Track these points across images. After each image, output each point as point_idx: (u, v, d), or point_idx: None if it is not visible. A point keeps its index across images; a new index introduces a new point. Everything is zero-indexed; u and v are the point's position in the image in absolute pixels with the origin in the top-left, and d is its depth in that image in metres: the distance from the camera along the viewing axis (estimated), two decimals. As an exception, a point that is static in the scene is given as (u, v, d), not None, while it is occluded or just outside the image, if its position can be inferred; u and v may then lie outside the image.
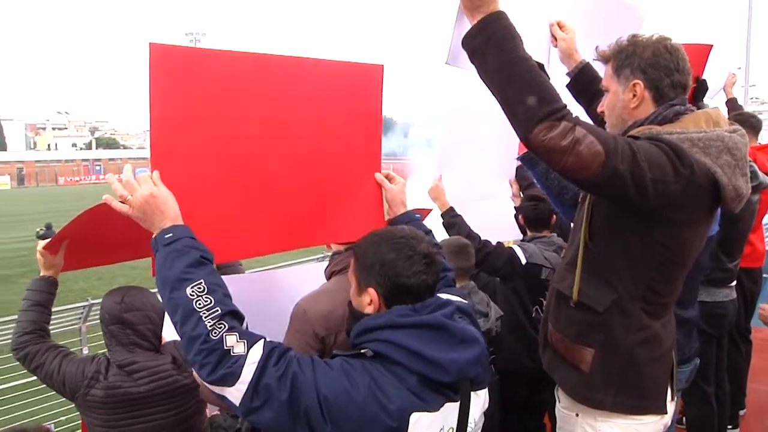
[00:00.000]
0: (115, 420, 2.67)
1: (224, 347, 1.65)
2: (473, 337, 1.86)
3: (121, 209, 1.89)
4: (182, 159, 2.02)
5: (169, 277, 1.76)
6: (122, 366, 2.68)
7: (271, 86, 2.18)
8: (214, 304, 1.70)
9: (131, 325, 2.73)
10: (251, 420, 1.70)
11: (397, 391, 1.68)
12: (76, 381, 2.66)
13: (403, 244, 1.86)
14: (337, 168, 2.45)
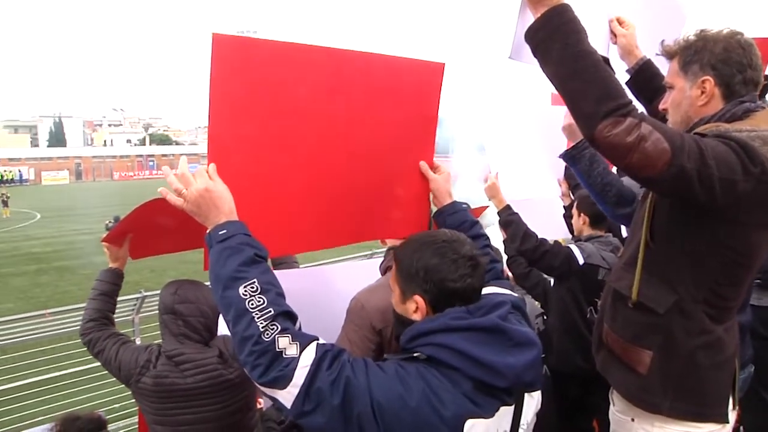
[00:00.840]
0: (164, 409, 2.73)
1: (276, 349, 1.63)
2: (529, 340, 1.80)
3: (176, 202, 1.87)
4: (239, 152, 2.00)
5: (222, 275, 1.73)
6: (171, 356, 2.73)
7: (331, 79, 2.16)
8: (267, 305, 1.68)
9: (182, 316, 2.78)
10: (302, 423, 1.66)
11: (452, 397, 1.63)
12: (130, 368, 2.74)
13: (447, 248, 1.82)
14: (391, 163, 2.43)
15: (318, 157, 2.19)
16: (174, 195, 1.88)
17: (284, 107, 2.06)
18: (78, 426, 2.90)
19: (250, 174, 2.03)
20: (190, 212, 1.88)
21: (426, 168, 2.51)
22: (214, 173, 1.90)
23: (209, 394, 2.74)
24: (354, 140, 2.28)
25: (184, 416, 2.73)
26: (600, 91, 1.95)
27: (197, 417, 2.73)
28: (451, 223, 2.40)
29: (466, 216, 2.45)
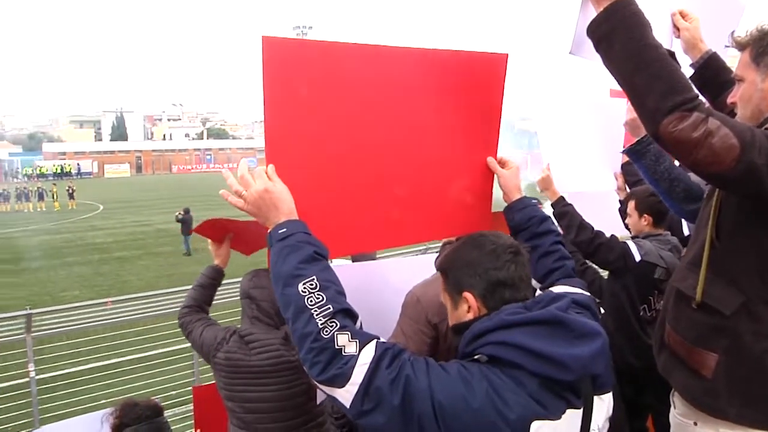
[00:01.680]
0: (232, 385, 2.89)
1: (335, 346, 1.60)
2: (594, 330, 1.70)
3: (236, 204, 1.89)
4: (297, 152, 1.99)
5: (282, 272, 1.73)
6: (242, 336, 2.90)
7: (385, 78, 2.13)
8: (326, 302, 1.65)
9: (255, 300, 2.96)
10: (362, 423, 1.61)
11: (517, 398, 1.56)
12: (209, 344, 2.97)
13: (483, 240, 1.81)
14: (453, 159, 2.38)
15: (378, 155, 2.17)
16: (234, 197, 1.89)
17: (338, 107, 2.05)
18: (136, 412, 2.98)
19: (309, 174, 2.02)
20: (250, 213, 1.89)
21: (494, 163, 2.44)
22: (273, 174, 1.89)
23: (272, 374, 2.84)
24: (412, 137, 2.25)
25: (248, 393, 2.86)
26: (665, 86, 1.88)
27: (260, 395, 2.84)
28: (519, 219, 2.35)
29: (536, 211, 2.37)
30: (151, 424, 2.93)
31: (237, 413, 2.90)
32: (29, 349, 6.46)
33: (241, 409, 2.88)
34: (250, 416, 2.86)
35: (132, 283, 18.52)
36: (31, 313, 6.45)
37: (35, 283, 19.67)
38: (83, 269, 21.39)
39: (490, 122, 2.44)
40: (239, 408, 2.89)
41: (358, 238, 2.26)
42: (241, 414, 2.88)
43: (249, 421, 2.86)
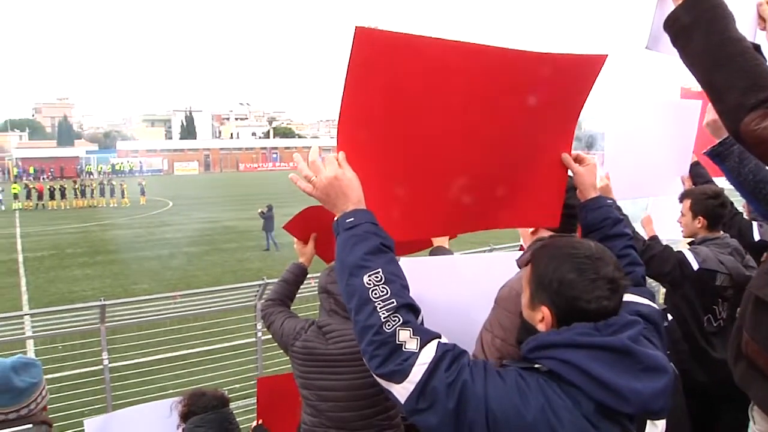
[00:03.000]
0: (308, 373, 2.99)
1: (396, 341, 1.59)
2: (660, 365, 1.64)
3: (306, 189, 1.89)
4: (368, 141, 2.00)
5: (348, 262, 1.73)
6: (320, 326, 3.02)
7: (471, 75, 2.09)
8: (390, 296, 1.64)
9: (332, 295, 3.05)
10: (414, 421, 1.61)
11: (572, 417, 1.53)
12: (288, 334, 3.10)
13: (588, 265, 1.67)
14: (527, 154, 2.34)
15: (451, 147, 2.15)
16: (304, 182, 1.90)
17: (417, 99, 2.04)
18: (204, 402, 3.11)
19: (378, 164, 2.03)
20: (318, 199, 1.89)
21: (569, 160, 2.35)
22: (344, 161, 1.89)
23: (347, 363, 2.92)
24: (490, 131, 2.21)
25: (324, 381, 2.94)
26: (748, 81, 1.79)
27: (334, 383, 2.93)
28: (592, 218, 2.28)
29: (610, 212, 2.29)
30: (217, 413, 3.05)
31: (311, 401, 2.99)
32: (103, 338, 6.72)
33: (315, 396, 2.96)
34: (323, 404, 2.94)
35: (199, 277, 18.99)
36: (105, 304, 6.71)
37: (109, 275, 20.35)
38: (153, 263, 22.02)
39: (569, 119, 2.37)
40: (313, 396, 2.97)
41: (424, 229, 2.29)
42: (315, 402, 2.96)
43: (322, 409, 2.94)
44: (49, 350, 8.70)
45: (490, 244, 9.05)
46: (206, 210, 38.15)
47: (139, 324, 7.80)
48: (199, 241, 26.30)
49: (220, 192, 51.01)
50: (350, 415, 2.91)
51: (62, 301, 16.58)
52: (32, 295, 17.99)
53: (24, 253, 25.02)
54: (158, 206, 41.76)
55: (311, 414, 3.00)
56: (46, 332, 7.68)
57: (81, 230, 31.32)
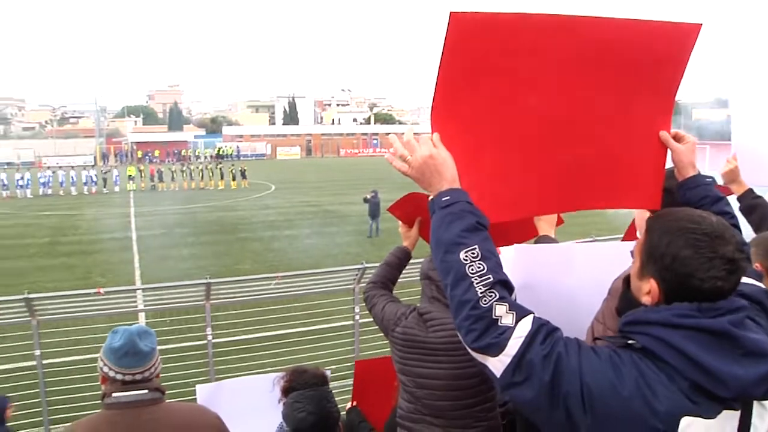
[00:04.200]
0: (406, 359, 2.97)
1: (492, 316, 1.61)
2: (765, 350, 1.55)
3: (401, 168, 1.92)
4: (462, 122, 2.00)
5: (444, 239, 1.76)
6: (421, 313, 2.98)
7: (565, 48, 2.06)
8: (486, 271, 1.66)
9: (435, 281, 3.01)
10: (509, 395, 1.62)
11: (668, 391, 1.50)
12: (389, 319, 3.09)
13: (705, 242, 1.58)
14: (624, 131, 2.26)
15: (546, 124, 2.12)
16: (399, 161, 1.93)
17: (512, 78, 2.02)
18: (304, 378, 3.17)
19: (473, 144, 2.03)
20: (413, 178, 1.91)
21: (667, 137, 2.27)
22: (438, 142, 1.91)
23: (448, 352, 2.87)
24: (587, 107, 2.17)
25: (422, 369, 2.91)
26: None
27: (434, 372, 2.89)
28: (691, 197, 2.21)
29: (709, 190, 2.22)
30: (317, 391, 3.10)
31: (408, 387, 2.97)
32: (208, 314, 7.02)
33: (413, 383, 2.95)
34: (420, 391, 2.92)
35: (299, 260, 19.41)
36: (211, 282, 6.98)
37: (213, 255, 21.20)
38: (255, 245, 22.74)
39: (667, 95, 2.29)
40: (411, 383, 2.95)
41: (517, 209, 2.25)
42: (412, 388, 2.95)
43: (419, 396, 2.92)
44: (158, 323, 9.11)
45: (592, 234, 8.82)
46: (307, 194, 38.97)
47: (242, 303, 8.08)
48: (300, 225, 26.91)
49: (321, 177, 51.94)
50: (448, 404, 2.88)
51: (170, 278, 17.35)
52: (144, 271, 18.98)
53: (137, 231, 26.40)
54: (261, 189, 42.97)
55: (408, 400, 2.99)
56: (156, 306, 8.07)
57: (188, 211, 32.71)
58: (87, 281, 17.40)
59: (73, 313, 7.32)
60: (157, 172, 46.52)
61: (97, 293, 7.07)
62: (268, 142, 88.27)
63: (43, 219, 31.06)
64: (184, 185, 45.74)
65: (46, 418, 6.83)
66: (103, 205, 36.25)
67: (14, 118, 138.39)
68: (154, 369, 2.57)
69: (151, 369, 2.55)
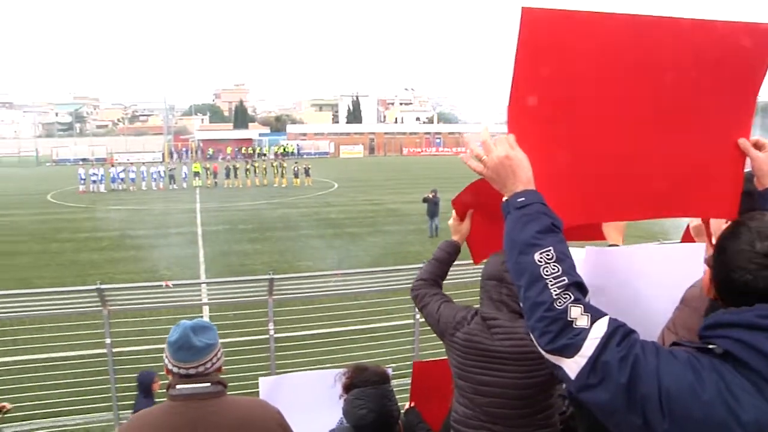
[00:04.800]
0: (466, 365, 2.87)
1: (567, 318, 1.59)
2: None
3: (476, 168, 1.92)
4: (537, 124, 1.98)
5: (519, 240, 1.75)
6: (485, 318, 2.85)
7: (641, 49, 2.00)
8: (561, 273, 1.65)
9: (505, 284, 2.88)
10: (583, 398, 1.58)
11: (752, 400, 1.41)
12: (447, 322, 2.97)
13: (748, 237, 1.57)
14: (701, 138, 2.18)
15: (621, 129, 2.08)
16: (475, 161, 1.93)
17: (588, 78, 1.99)
18: (365, 376, 3.18)
19: (548, 146, 2.00)
20: (488, 178, 1.92)
21: (747, 145, 2.16)
22: (514, 143, 1.91)
23: (513, 361, 2.78)
24: (661, 112, 2.10)
25: (484, 377, 2.82)
26: None
27: (496, 380, 2.80)
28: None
29: None
30: (378, 389, 3.11)
31: (467, 393, 2.90)
32: (270, 309, 7.12)
33: (472, 390, 2.87)
34: (481, 399, 2.85)
35: (360, 258, 19.53)
36: (273, 278, 7.08)
37: (276, 251, 21.52)
38: (317, 242, 22.95)
39: (746, 100, 2.19)
40: (470, 389, 2.88)
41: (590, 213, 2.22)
42: (472, 395, 2.88)
43: (479, 403, 2.86)
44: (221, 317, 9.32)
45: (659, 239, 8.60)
46: (369, 192, 39.15)
47: (303, 299, 8.17)
48: (362, 223, 27.08)
49: (384, 175, 52.06)
50: (510, 413, 2.82)
51: (233, 272, 17.76)
52: (208, 265, 19.43)
53: (202, 226, 27.04)
54: (324, 187, 43.38)
55: (465, 405, 2.93)
56: (220, 300, 8.24)
57: (252, 208, 33.25)
58: (154, 274, 17.91)
59: (141, 304, 7.56)
60: (228, 168, 47.35)
61: (165, 286, 7.26)
62: (331, 140, 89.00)
63: (114, 213, 32.18)
64: (248, 182, 46.48)
65: (115, 404, 7.06)
66: (170, 201, 37.22)
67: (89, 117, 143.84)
68: (210, 364, 2.61)
69: (207, 364, 2.59)
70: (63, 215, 31.28)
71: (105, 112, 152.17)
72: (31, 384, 7.77)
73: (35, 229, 26.74)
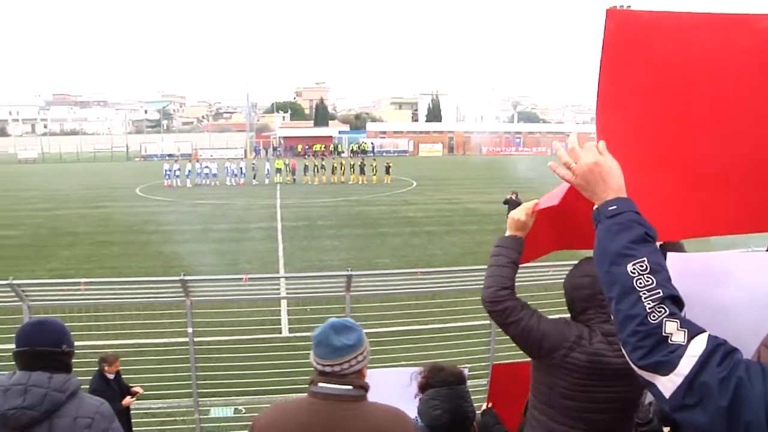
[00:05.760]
0: (583, 385, 2.65)
1: (662, 333, 1.52)
2: None
3: (564, 176, 1.89)
4: (629, 129, 1.92)
5: (610, 250, 1.69)
6: (607, 334, 2.64)
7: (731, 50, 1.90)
8: (655, 286, 1.58)
9: None
10: (679, 418, 1.51)
11: None
12: (557, 341, 2.66)
13: None
14: None
15: (716, 135, 1.97)
16: (563, 168, 1.89)
17: (678, 82, 1.91)
18: (442, 376, 3.16)
19: (639, 152, 1.94)
20: (577, 186, 1.87)
21: None
22: (604, 149, 1.85)
23: (627, 376, 2.48)
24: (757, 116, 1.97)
25: (599, 393, 2.65)
26: None
27: (610, 396, 2.66)
28: None
29: None
30: (454, 390, 3.08)
31: (574, 413, 2.69)
32: (347, 305, 7.16)
33: (582, 408, 2.68)
34: (589, 416, 2.68)
35: (438, 257, 19.53)
36: (351, 275, 7.13)
37: (354, 248, 21.70)
38: (395, 240, 23.03)
39: None
40: (581, 408, 2.68)
41: (685, 224, 2.11)
42: (580, 413, 2.69)
43: (586, 419, 2.69)
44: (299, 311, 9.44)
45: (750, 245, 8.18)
46: (448, 191, 39.00)
47: (380, 296, 8.19)
48: (440, 222, 26.99)
49: (463, 174, 51.83)
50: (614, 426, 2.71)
51: (312, 268, 18.01)
52: (287, 260, 19.78)
53: (282, 222, 27.52)
54: (403, 185, 43.44)
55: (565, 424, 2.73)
56: (298, 295, 8.35)
57: (331, 204, 33.64)
58: (235, 266, 18.38)
59: (222, 296, 7.74)
60: (304, 166, 48.17)
61: (244, 280, 7.42)
62: (410, 138, 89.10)
63: (197, 207, 33.17)
64: (323, 179, 47.02)
65: (195, 391, 7.25)
66: (251, 196, 38.05)
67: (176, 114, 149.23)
68: (347, 365, 2.55)
69: (344, 365, 2.54)
70: (150, 208, 32.53)
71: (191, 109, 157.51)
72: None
73: (125, 220, 27.88)
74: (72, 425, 2.79)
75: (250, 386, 8.13)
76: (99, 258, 20.34)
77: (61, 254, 21.09)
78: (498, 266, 2.83)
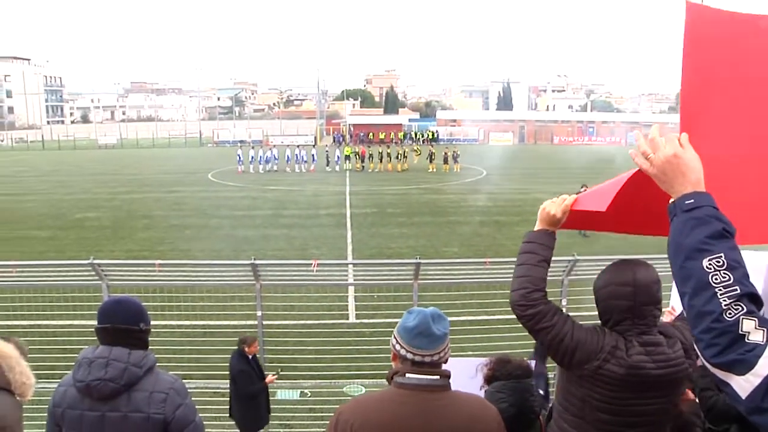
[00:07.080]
0: (621, 398, 2.51)
1: (739, 331, 1.47)
2: None
3: (642, 165, 1.85)
4: (712, 123, 1.88)
5: (686, 245, 1.64)
6: (645, 344, 2.51)
7: None
8: (732, 282, 1.53)
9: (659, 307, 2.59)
10: (756, 420, 1.47)
11: None
12: (591, 350, 2.50)
13: None
14: None
15: None
16: (641, 158, 1.85)
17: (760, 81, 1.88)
18: (508, 369, 3.14)
19: (722, 147, 1.89)
20: (654, 177, 1.82)
21: None
22: (686, 142, 1.80)
23: (666, 387, 2.54)
24: None
25: (634, 406, 2.53)
26: None
27: (646, 409, 2.54)
28: None
29: None
30: (520, 383, 3.03)
31: (609, 427, 2.57)
32: (415, 293, 7.15)
33: (618, 422, 2.55)
34: (627, 430, 2.56)
35: (507, 246, 19.21)
36: (420, 263, 7.10)
37: (422, 235, 21.69)
38: (464, 228, 22.93)
39: None
40: (617, 421, 2.55)
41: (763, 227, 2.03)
42: (616, 427, 2.56)
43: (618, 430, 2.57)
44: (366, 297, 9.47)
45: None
46: (518, 181, 38.62)
47: (448, 285, 8.13)
48: (509, 211, 26.70)
49: (533, 164, 51.23)
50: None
51: (380, 255, 18.10)
52: (355, 246, 19.94)
53: (351, 208, 27.78)
54: (472, 174, 43.25)
55: None
56: (366, 281, 8.38)
57: (400, 192, 33.74)
58: (304, 252, 18.64)
59: (291, 281, 7.83)
60: (374, 153, 48.37)
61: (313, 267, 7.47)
62: (480, 127, 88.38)
63: (268, 193, 33.81)
64: (398, 167, 47.10)
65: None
66: (321, 183, 38.57)
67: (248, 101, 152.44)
68: (443, 353, 2.55)
69: (441, 353, 2.54)
70: (222, 193, 33.38)
71: (262, 96, 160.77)
72: (190, 347, 8.28)
73: (197, 204, 28.71)
74: (148, 399, 2.94)
75: (316, 371, 8.22)
76: (172, 240, 20.98)
77: (137, 236, 21.83)
78: (529, 265, 2.65)
